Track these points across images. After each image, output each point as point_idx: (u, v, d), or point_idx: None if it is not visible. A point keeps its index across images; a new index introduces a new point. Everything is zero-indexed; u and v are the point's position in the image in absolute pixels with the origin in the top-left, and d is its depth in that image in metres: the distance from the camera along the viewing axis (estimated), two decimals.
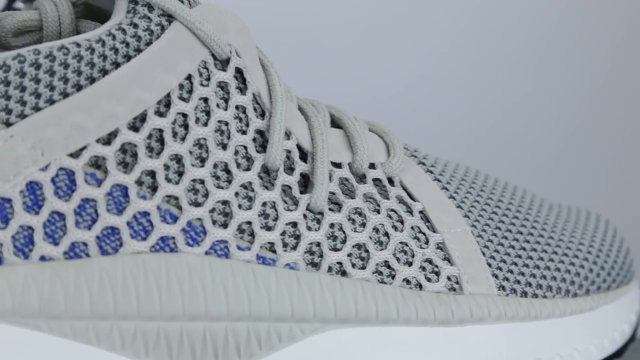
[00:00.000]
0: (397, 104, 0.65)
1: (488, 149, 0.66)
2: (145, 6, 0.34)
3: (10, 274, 0.31)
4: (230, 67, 0.35)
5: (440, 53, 0.65)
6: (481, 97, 0.66)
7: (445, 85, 0.66)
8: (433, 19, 0.65)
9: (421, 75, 0.65)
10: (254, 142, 0.35)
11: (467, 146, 0.65)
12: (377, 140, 0.39)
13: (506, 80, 0.66)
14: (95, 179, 0.32)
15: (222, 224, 0.34)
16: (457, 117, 0.66)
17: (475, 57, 0.66)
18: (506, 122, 0.66)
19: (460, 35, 0.65)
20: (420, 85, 0.66)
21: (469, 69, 0.66)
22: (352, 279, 0.35)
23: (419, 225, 0.37)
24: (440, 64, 0.65)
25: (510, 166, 0.64)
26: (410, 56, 0.65)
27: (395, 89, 0.65)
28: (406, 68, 0.65)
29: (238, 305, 0.33)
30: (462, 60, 0.65)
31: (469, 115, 0.66)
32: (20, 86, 0.31)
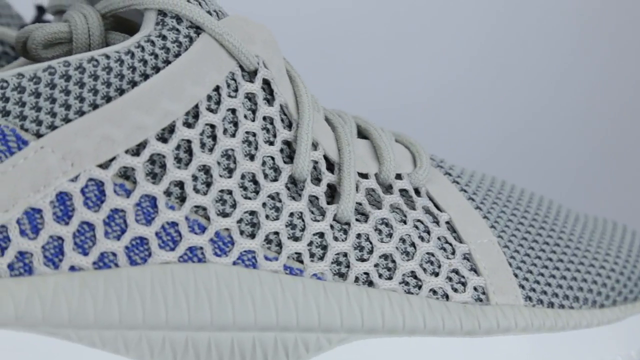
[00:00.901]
0: (419, 112, 0.65)
1: (507, 156, 0.66)
2: (174, 18, 0.34)
3: (40, 284, 0.31)
4: (257, 79, 0.35)
5: (458, 63, 0.65)
6: (501, 106, 0.66)
7: (463, 94, 0.66)
8: (453, 30, 0.65)
9: (440, 85, 0.66)
10: (281, 153, 0.36)
11: (488, 154, 0.65)
12: (403, 151, 0.39)
13: (525, 88, 0.66)
14: (124, 190, 0.33)
15: (249, 235, 0.34)
16: (477, 125, 0.66)
17: (494, 65, 0.66)
18: (525, 130, 0.66)
19: (476, 46, 0.65)
20: (439, 94, 0.66)
21: (488, 77, 0.66)
22: (379, 289, 0.35)
23: (445, 235, 0.37)
24: (457, 74, 0.65)
25: (528, 172, 0.64)
26: (432, 66, 0.65)
27: (417, 98, 0.65)
28: (428, 77, 0.65)
29: (265, 315, 0.34)
30: (479, 70, 0.65)
31: (489, 124, 0.66)
32: (50, 98, 0.32)
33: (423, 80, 0.66)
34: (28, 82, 0.32)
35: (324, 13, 0.65)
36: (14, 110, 0.31)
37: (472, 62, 0.66)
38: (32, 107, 0.31)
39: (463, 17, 0.66)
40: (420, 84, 0.66)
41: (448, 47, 0.66)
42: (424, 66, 0.66)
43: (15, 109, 0.31)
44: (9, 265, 0.31)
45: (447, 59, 0.66)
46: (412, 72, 0.66)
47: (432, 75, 0.66)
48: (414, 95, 0.66)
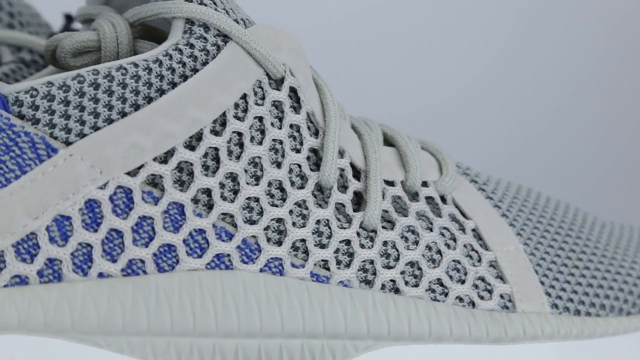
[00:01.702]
0: (441, 118, 0.65)
1: (525, 161, 0.66)
2: (202, 27, 0.34)
3: (69, 290, 0.31)
4: (284, 86, 0.35)
5: (476, 68, 0.65)
6: (518, 111, 0.66)
7: (481, 98, 0.66)
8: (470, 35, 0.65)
9: (460, 90, 0.66)
10: (308, 160, 0.36)
11: (505, 158, 0.65)
12: (429, 159, 0.39)
13: (541, 92, 0.66)
14: (152, 197, 0.33)
15: (276, 242, 0.34)
16: (493, 129, 0.66)
17: (511, 71, 0.66)
18: (543, 134, 0.66)
19: (492, 51, 0.65)
20: (461, 99, 0.66)
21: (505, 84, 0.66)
22: (405, 297, 0.35)
23: (471, 243, 0.37)
24: (475, 79, 0.65)
25: (547, 177, 0.64)
26: (453, 72, 0.65)
27: (439, 105, 0.65)
28: (449, 84, 0.65)
29: (292, 322, 0.34)
30: (494, 75, 0.65)
31: (505, 128, 0.66)
32: (79, 106, 0.32)
33: (445, 88, 0.66)
34: (57, 90, 0.32)
35: (348, 20, 0.66)
36: (44, 119, 0.32)
37: (488, 67, 0.66)
38: (61, 115, 0.32)
39: (480, 22, 0.66)
40: (442, 91, 0.66)
41: (467, 53, 0.66)
42: (447, 73, 0.66)
43: (45, 117, 0.32)
44: (38, 272, 0.31)
45: (466, 65, 0.66)
46: (435, 79, 0.66)
47: (452, 81, 0.66)
48: (436, 102, 0.66)
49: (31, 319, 0.31)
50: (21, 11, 0.45)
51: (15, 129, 0.31)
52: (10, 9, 0.44)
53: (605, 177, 0.66)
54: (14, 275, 0.31)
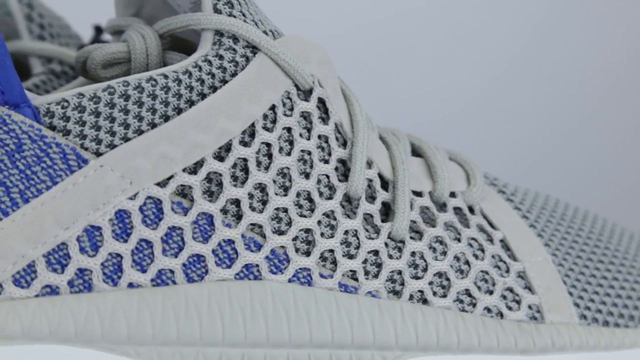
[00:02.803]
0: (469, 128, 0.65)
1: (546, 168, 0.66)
2: (231, 38, 0.34)
3: (99, 300, 0.32)
4: (312, 97, 0.36)
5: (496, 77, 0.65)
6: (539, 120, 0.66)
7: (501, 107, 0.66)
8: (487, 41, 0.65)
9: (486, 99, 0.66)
10: (336, 171, 0.36)
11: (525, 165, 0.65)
12: (457, 169, 0.39)
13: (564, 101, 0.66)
14: (181, 208, 0.33)
15: (304, 252, 0.35)
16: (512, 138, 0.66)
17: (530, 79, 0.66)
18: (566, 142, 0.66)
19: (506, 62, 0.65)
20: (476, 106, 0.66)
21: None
22: (433, 307, 0.35)
23: (499, 253, 0.37)
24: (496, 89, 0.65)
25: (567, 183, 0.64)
26: (476, 80, 0.65)
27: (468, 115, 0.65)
28: (477, 94, 0.65)
29: (321, 332, 0.34)
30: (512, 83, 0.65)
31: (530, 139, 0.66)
32: (110, 117, 0.32)
33: (471, 96, 0.66)
34: (88, 101, 0.32)
35: (376, 31, 0.66)
36: (75, 130, 0.32)
37: (510, 75, 0.66)
38: (92, 126, 0.32)
39: (499, 31, 0.66)
40: (468, 99, 0.66)
41: (489, 62, 0.66)
42: (472, 81, 0.66)
43: (76, 128, 0.32)
44: (69, 282, 0.32)
45: (489, 73, 0.66)
46: (461, 87, 0.66)
47: (477, 89, 0.66)
48: (462, 110, 0.66)
49: (62, 328, 0.31)
50: (52, 23, 0.45)
51: (47, 140, 0.31)
52: (41, 20, 0.45)
53: (629, 185, 0.66)
54: (45, 285, 0.31)
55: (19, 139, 0.31)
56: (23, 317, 0.31)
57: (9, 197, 0.31)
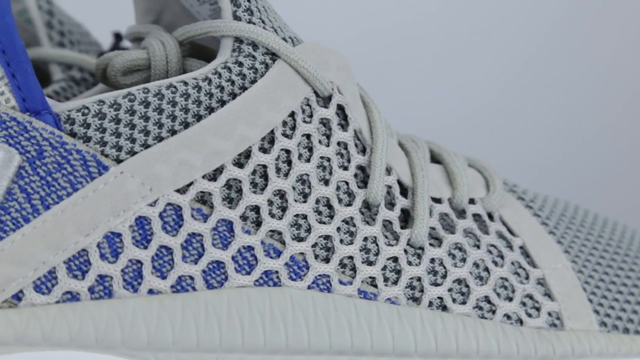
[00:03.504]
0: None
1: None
2: (250, 45, 0.35)
3: (119, 307, 0.32)
4: (332, 104, 0.36)
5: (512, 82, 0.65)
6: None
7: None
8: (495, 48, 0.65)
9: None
10: (355, 177, 0.36)
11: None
12: (476, 176, 0.39)
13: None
14: (201, 214, 0.33)
15: (324, 259, 0.35)
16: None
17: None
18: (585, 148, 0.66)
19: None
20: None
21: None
22: (452, 314, 0.35)
23: (519, 260, 0.37)
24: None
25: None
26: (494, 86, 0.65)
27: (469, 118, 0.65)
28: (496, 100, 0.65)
29: (340, 339, 0.34)
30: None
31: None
32: (130, 124, 0.32)
33: (492, 103, 0.66)
34: (108, 108, 0.32)
35: (395, 38, 0.66)
36: (95, 136, 0.32)
37: (523, 80, 0.66)
38: (112, 133, 0.32)
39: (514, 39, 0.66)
40: (489, 106, 0.66)
41: (506, 69, 0.66)
42: (492, 88, 0.66)
43: (96, 135, 0.32)
44: (89, 289, 0.32)
45: (504, 80, 0.66)
46: (482, 95, 0.66)
47: (496, 96, 0.66)
48: (480, 117, 0.66)
49: (82, 335, 0.31)
50: (71, 30, 0.45)
51: (67, 146, 0.31)
52: (61, 27, 0.45)
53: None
54: (65, 291, 0.31)
55: (40, 146, 0.31)
56: (44, 323, 0.31)
57: (30, 203, 0.31)
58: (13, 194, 0.31)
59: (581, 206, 0.43)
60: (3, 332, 0.31)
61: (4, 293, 0.31)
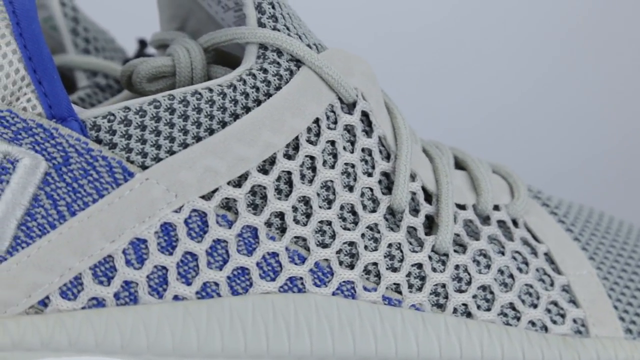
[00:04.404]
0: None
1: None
2: (275, 52, 0.35)
3: (145, 313, 0.32)
4: (356, 111, 0.36)
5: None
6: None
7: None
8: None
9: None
10: (380, 184, 0.36)
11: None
12: (500, 182, 0.39)
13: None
14: (226, 221, 0.33)
15: (348, 265, 0.35)
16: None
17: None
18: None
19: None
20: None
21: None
22: (477, 321, 0.35)
23: (543, 267, 0.37)
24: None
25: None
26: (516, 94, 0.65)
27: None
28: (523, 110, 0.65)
29: (365, 345, 0.34)
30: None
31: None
32: (155, 130, 0.32)
33: (516, 109, 0.66)
34: (134, 115, 0.32)
35: (420, 44, 0.66)
36: (121, 143, 0.32)
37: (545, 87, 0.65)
38: (137, 140, 0.32)
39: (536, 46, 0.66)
40: (514, 112, 0.66)
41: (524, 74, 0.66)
42: (516, 95, 0.66)
43: (122, 142, 0.32)
44: (115, 295, 0.32)
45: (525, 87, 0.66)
46: (506, 101, 0.66)
47: (522, 101, 0.66)
48: (508, 123, 0.66)
49: (108, 341, 0.31)
50: (97, 37, 0.46)
51: (93, 153, 0.32)
52: (86, 34, 0.45)
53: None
54: (91, 297, 0.32)
55: (66, 153, 0.31)
56: (70, 329, 0.31)
57: (56, 210, 0.31)
58: (39, 200, 0.31)
59: (605, 212, 0.43)
60: (30, 338, 0.31)
61: (30, 299, 0.31)
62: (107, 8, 0.55)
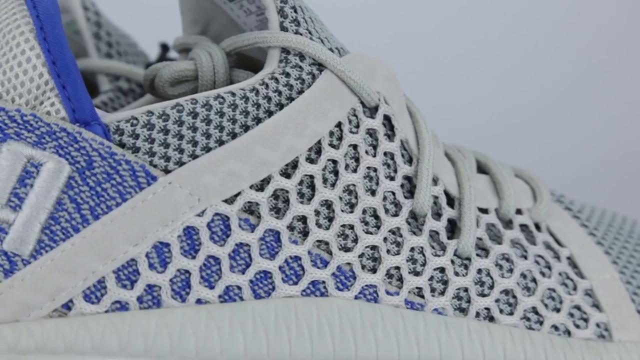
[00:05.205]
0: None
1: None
2: (297, 56, 0.35)
3: (168, 316, 0.32)
4: (378, 115, 0.36)
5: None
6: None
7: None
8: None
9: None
10: (402, 188, 0.36)
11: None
12: (523, 186, 0.39)
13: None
14: (249, 224, 0.33)
15: (371, 269, 0.35)
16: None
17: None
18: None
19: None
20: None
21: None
22: (500, 325, 0.35)
23: (566, 271, 0.37)
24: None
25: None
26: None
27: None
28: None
29: (387, 350, 0.34)
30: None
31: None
32: (178, 134, 0.33)
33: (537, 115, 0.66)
34: (157, 119, 0.32)
35: (443, 46, 0.66)
36: (144, 147, 0.32)
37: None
38: (160, 144, 0.32)
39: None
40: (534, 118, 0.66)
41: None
42: (539, 102, 0.65)
43: (145, 146, 0.32)
44: (138, 298, 0.32)
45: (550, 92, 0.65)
46: (528, 108, 0.66)
47: (542, 106, 0.66)
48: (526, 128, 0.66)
49: (131, 344, 0.31)
50: (119, 41, 0.46)
51: (117, 157, 0.32)
52: (109, 38, 0.45)
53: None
54: (114, 301, 0.32)
55: (89, 157, 0.32)
56: (93, 333, 0.31)
57: (80, 213, 0.31)
58: (63, 204, 0.31)
59: (628, 217, 0.43)
60: (54, 341, 0.31)
61: (54, 302, 0.31)
62: (130, 12, 0.55)
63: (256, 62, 0.38)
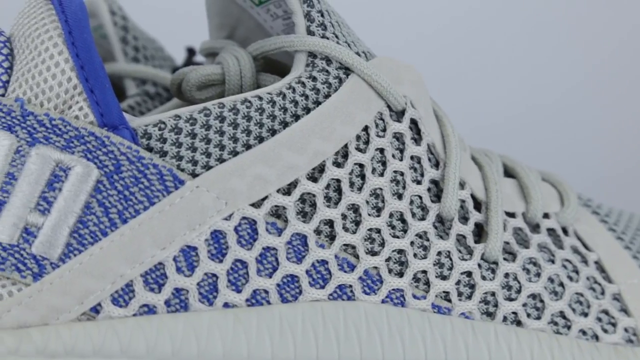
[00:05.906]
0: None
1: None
2: (324, 60, 0.35)
3: (195, 320, 0.32)
4: (405, 118, 0.36)
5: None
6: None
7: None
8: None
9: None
10: (429, 192, 0.36)
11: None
12: (550, 190, 0.39)
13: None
14: (276, 228, 0.33)
15: (397, 273, 0.34)
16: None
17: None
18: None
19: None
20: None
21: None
22: (527, 329, 0.35)
23: (594, 275, 0.37)
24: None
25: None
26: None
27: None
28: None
29: (414, 354, 0.34)
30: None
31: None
32: (205, 138, 0.33)
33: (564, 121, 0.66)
34: (184, 123, 0.32)
35: (469, 51, 0.66)
36: (171, 151, 0.32)
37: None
38: (188, 148, 0.32)
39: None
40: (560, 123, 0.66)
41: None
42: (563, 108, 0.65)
43: (172, 150, 0.32)
44: (166, 302, 0.32)
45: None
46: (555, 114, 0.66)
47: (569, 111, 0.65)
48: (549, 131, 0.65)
49: (159, 348, 0.31)
50: (146, 45, 0.46)
51: (144, 161, 0.32)
52: (136, 43, 0.46)
53: None
54: (142, 304, 0.32)
55: (117, 160, 0.32)
56: (121, 336, 0.31)
57: (108, 217, 0.31)
58: (91, 207, 0.31)
59: None
60: (82, 344, 0.31)
61: (82, 306, 0.31)
62: (156, 17, 0.56)
63: (283, 66, 0.38)
